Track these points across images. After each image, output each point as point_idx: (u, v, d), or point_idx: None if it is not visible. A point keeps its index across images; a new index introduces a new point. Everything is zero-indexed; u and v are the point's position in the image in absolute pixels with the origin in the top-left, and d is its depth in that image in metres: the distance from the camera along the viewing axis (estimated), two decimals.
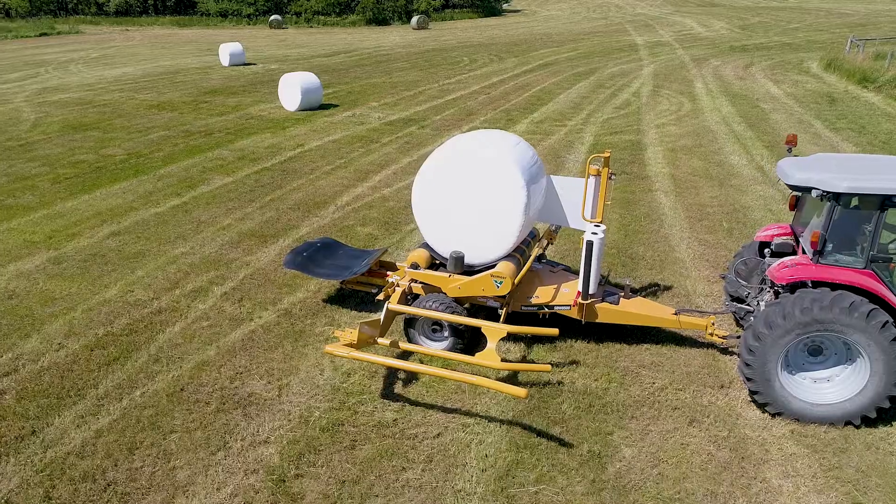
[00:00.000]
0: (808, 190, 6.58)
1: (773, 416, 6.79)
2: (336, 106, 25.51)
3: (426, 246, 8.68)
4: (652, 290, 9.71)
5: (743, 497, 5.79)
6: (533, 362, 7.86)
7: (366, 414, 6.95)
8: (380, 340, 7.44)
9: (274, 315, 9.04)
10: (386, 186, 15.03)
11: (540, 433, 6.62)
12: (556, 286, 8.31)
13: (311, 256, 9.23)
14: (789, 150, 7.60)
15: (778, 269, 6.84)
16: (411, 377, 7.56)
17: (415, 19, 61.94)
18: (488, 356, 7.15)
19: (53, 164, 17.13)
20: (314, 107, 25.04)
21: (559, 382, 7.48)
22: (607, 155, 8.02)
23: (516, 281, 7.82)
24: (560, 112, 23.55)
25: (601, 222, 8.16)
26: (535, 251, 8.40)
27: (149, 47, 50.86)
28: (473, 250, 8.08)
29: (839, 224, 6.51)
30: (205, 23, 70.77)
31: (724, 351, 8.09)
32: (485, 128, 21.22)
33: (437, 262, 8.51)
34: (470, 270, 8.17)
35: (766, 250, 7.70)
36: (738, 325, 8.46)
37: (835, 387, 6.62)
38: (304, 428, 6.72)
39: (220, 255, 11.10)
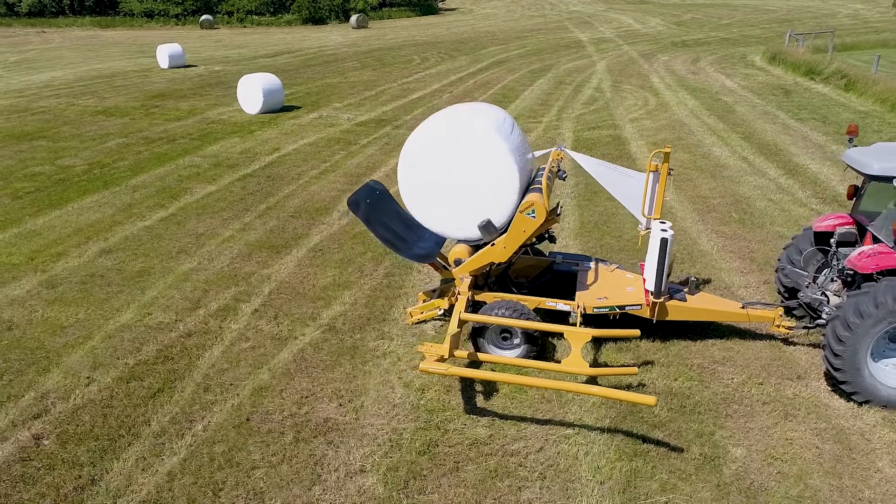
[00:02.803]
0: (889, 179, 6.66)
1: (861, 404, 6.85)
2: (298, 108, 24.66)
3: (459, 241, 8.40)
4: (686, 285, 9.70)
5: (868, 490, 5.78)
6: (606, 365, 7.66)
7: (457, 432, 6.56)
8: (456, 353, 7.05)
9: (318, 331, 8.47)
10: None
11: (644, 439, 6.42)
12: (622, 286, 8.15)
13: (374, 205, 8.26)
14: (850, 141, 7.72)
15: (859, 258, 6.90)
16: (488, 389, 7.22)
17: (354, 18, 60.93)
18: (575, 362, 6.89)
19: (7, 178, 15.68)
20: (276, 109, 24.10)
21: (641, 384, 7.31)
22: (668, 150, 7.91)
23: (546, 206, 7.57)
24: (530, 109, 23.57)
25: (660, 218, 8.05)
26: (547, 173, 8.17)
27: (73, 50, 47.83)
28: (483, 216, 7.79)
29: None
30: (128, 23, 67.24)
31: (786, 341, 8.15)
32: None
33: (475, 245, 8.20)
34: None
35: (831, 240, 7.74)
36: (790, 315, 8.52)
37: None
38: (398, 452, 6.26)
39: (234, 270, 10.37)
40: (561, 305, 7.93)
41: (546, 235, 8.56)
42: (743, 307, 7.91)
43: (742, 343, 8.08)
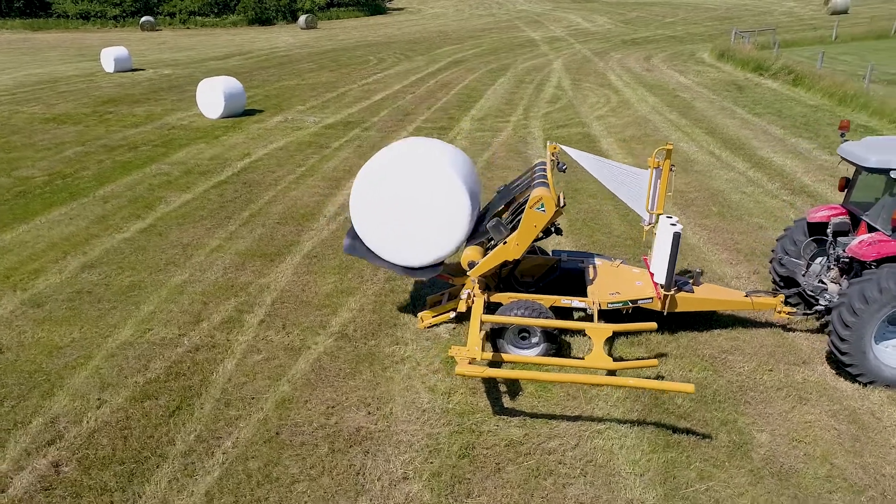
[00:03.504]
0: (886, 171, 7.05)
1: (866, 385, 7.23)
2: (261, 111, 24.18)
3: (468, 243, 8.46)
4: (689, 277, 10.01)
5: (888, 466, 6.12)
6: (623, 359, 7.84)
7: (491, 433, 6.60)
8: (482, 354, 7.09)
9: (330, 340, 8.37)
10: None
11: (674, 430, 6.61)
12: (631, 281, 8.35)
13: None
14: (842, 135, 8.12)
15: (860, 246, 7.28)
16: (513, 389, 7.29)
17: (302, 19, 60.05)
18: (598, 357, 7.04)
19: None
20: (238, 113, 23.58)
21: (659, 376, 7.52)
22: (670, 147, 8.15)
23: (554, 199, 7.72)
24: (497, 108, 23.78)
25: (662, 213, 8.29)
26: (550, 170, 8.33)
27: (5, 54, 45.57)
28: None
29: None
30: (62, 26, 64.42)
31: (785, 328, 8.51)
32: (429, 127, 21.03)
33: (486, 247, 8.28)
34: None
35: (828, 230, 8.11)
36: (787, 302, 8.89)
37: None
38: (438, 457, 6.26)
39: (229, 280, 10.12)
40: (576, 302, 8.07)
41: (552, 228, 8.68)
42: (746, 295, 8.23)
43: (746, 332, 8.40)
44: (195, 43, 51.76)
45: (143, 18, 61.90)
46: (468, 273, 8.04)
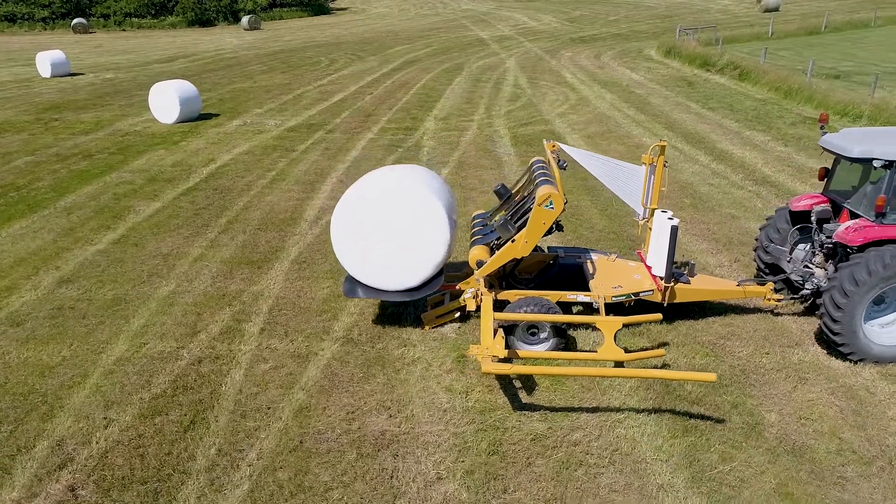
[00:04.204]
0: (868, 161, 7.49)
1: (856, 363, 7.67)
2: (217, 115, 23.61)
3: (472, 244, 8.55)
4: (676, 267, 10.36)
5: (890, 437, 6.51)
6: (628, 350, 8.06)
7: (515, 429, 6.69)
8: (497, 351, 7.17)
9: (336, 345, 8.29)
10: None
11: (689, 415, 6.86)
12: (630, 274, 8.59)
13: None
14: (822, 128, 8.57)
15: (846, 232, 7.70)
16: (528, 385, 7.39)
17: (245, 19, 58.75)
18: (610, 349, 7.23)
19: None
20: (193, 118, 22.95)
21: (665, 365, 7.77)
22: (663, 144, 8.42)
23: (562, 195, 7.85)
24: (458, 108, 23.92)
25: (657, 208, 8.57)
26: (555, 169, 8.49)
27: None
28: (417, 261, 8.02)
29: (894, 187, 7.50)
30: None
31: (773, 313, 8.92)
32: (393, 127, 20.99)
33: (493, 246, 8.38)
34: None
35: (812, 218, 8.53)
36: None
37: None
38: (468, 456, 6.31)
39: (220, 290, 9.87)
40: (581, 297, 8.25)
41: (554, 226, 8.82)
42: (738, 284, 8.60)
43: (739, 318, 8.77)
44: (134, 46, 49.96)
45: (76, 20, 59.28)
46: (476, 272, 8.11)
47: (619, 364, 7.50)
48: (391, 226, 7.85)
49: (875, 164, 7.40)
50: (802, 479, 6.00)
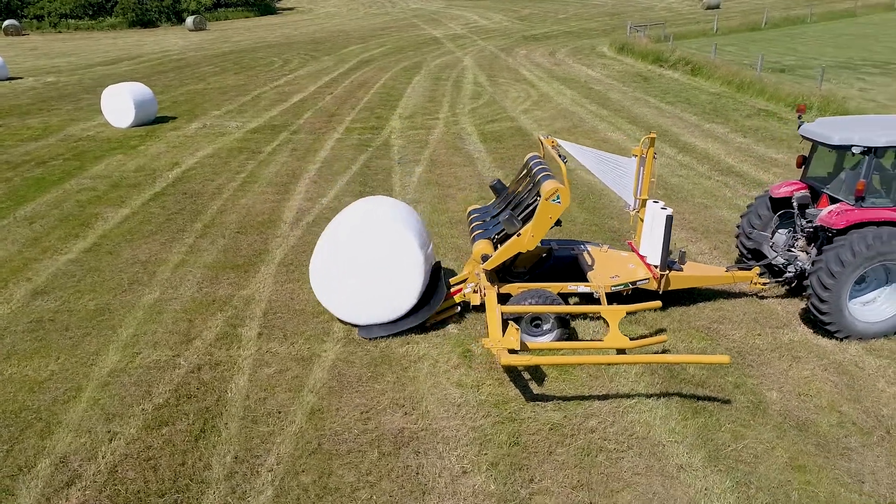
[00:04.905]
0: (848, 147, 7.86)
1: (842, 340, 8.06)
2: (174, 118, 22.96)
3: (474, 239, 8.61)
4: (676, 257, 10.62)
5: (885, 406, 6.87)
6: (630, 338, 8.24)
7: (531, 420, 6.77)
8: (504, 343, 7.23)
9: (338, 346, 8.19)
10: (320, 197, 14.11)
11: (696, 397, 7.07)
12: (625, 264, 8.78)
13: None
14: (799, 118, 8.95)
15: (829, 216, 8.07)
16: (536, 375, 7.48)
17: (190, 20, 57.17)
18: (616, 337, 7.39)
19: None
20: (149, 121, 22.27)
21: (665, 350, 7.99)
22: (653, 136, 8.64)
23: (567, 188, 7.93)
24: (422, 106, 23.92)
25: (647, 199, 8.80)
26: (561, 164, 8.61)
27: None
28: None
29: (873, 173, 7.91)
30: None
31: (758, 296, 9.27)
32: (359, 127, 20.85)
33: (495, 241, 8.44)
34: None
35: (794, 204, 8.89)
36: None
37: (888, 305, 8.07)
38: (490, 448, 6.34)
39: (208, 295, 9.62)
40: (582, 288, 8.39)
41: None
42: (727, 270, 8.91)
43: (728, 303, 9.08)
44: (73, 48, 48.05)
45: (7, 22, 56.50)
46: (482, 265, 8.15)
47: (620, 351, 7.68)
48: (369, 261, 7.91)
49: (854, 150, 7.77)
50: (811, 451, 6.27)
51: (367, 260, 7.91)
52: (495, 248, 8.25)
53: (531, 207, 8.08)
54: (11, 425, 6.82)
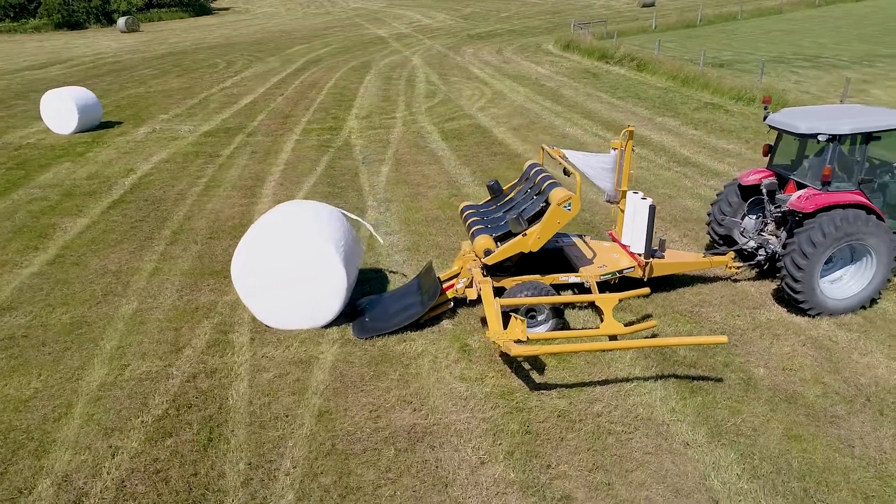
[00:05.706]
0: (814, 136, 8.36)
1: (814, 317, 8.56)
2: (119, 123, 22.15)
3: (474, 234, 8.71)
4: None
5: (862, 376, 7.36)
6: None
7: (539, 408, 6.92)
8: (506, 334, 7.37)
9: (335, 347, 8.15)
10: (289, 199, 13.90)
11: (691, 378, 7.38)
12: (609, 254, 9.06)
13: (375, 316, 8.62)
14: (766, 108, 9.43)
15: (798, 201, 8.55)
16: (536, 365, 7.65)
17: (122, 21, 54.99)
18: (611, 324, 7.64)
19: None
20: (93, 127, 21.44)
21: (654, 335, 8.30)
22: (631, 129, 8.95)
23: (578, 197, 8.14)
24: (377, 106, 23.84)
25: (628, 190, 9.11)
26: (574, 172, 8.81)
27: None
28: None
29: (837, 159, 8.44)
30: None
31: (732, 279, 9.73)
32: (316, 128, 20.64)
33: (497, 238, 8.57)
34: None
35: (763, 190, 9.35)
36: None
37: (853, 283, 8.62)
38: (503, 438, 6.46)
39: (190, 303, 9.37)
40: (572, 279, 8.61)
41: None
42: (704, 256, 9.32)
43: (705, 287, 9.49)
44: None
45: None
46: (483, 260, 8.25)
47: (613, 338, 7.94)
48: (291, 266, 8.06)
49: (820, 138, 8.27)
50: (802, 422, 6.66)
51: (285, 266, 8.04)
52: (496, 245, 8.35)
53: (537, 211, 8.26)
54: (2, 447, 6.51)
